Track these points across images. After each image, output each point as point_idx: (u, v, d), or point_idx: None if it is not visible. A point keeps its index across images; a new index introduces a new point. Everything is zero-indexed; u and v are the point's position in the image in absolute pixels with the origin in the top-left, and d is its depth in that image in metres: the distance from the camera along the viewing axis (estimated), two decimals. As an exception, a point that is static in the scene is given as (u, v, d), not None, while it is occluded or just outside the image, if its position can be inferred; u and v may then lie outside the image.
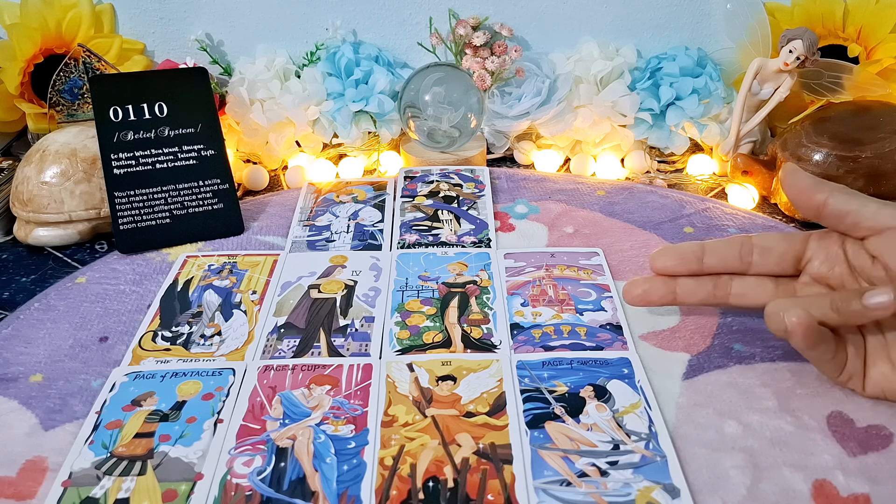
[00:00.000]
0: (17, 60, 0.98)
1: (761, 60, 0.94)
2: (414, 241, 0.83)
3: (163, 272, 0.80)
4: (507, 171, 1.00)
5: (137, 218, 0.83)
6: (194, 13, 1.06)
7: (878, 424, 0.58)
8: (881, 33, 0.97)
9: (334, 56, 1.04)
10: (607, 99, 1.01)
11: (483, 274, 0.77)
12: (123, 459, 0.55)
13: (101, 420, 0.59)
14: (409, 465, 0.54)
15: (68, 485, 0.53)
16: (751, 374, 0.64)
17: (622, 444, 0.56)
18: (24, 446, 0.58)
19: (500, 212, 0.90)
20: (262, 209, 0.92)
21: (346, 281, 0.77)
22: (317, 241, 0.84)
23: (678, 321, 0.71)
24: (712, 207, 0.90)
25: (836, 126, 0.88)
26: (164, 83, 0.85)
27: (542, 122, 1.02)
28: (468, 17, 1.04)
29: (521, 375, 0.63)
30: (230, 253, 0.83)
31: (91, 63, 0.97)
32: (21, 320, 0.73)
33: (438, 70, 0.99)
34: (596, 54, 1.05)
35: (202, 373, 0.64)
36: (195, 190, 0.85)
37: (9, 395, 0.63)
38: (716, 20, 1.06)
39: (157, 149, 0.84)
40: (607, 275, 0.77)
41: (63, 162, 0.85)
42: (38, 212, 0.84)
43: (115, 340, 0.70)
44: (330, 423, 0.58)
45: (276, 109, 1.01)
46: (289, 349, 0.67)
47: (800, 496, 0.52)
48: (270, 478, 0.53)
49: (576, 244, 0.83)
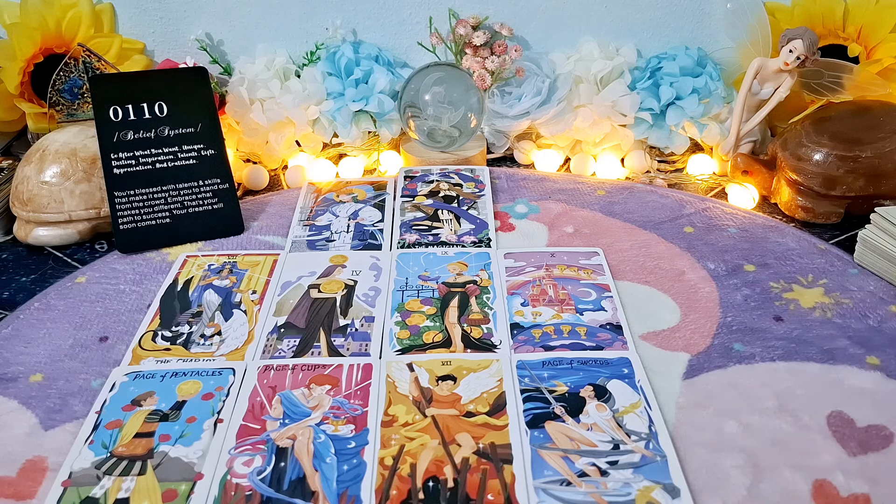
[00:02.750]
0: (17, 60, 0.98)
1: (761, 60, 0.94)
2: (414, 240, 0.83)
3: (163, 272, 0.80)
4: (507, 170, 1.00)
5: (137, 218, 0.83)
6: (194, 13, 1.06)
7: (878, 424, 0.58)
8: (881, 33, 0.97)
9: (334, 56, 1.04)
10: (607, 99, 1.01)
11: (483, 274, 0.77)
12: (123, 459, 0.55)
13: (101, 420, 0.59)
14: (409, 464, 0.54)
15: (68, 485, 0.53)
16: (751, 374, 0.64)
17: (622, 444, 0.56)
18: (24, 446, 0.58)
19: (500, 211, 0.90)
20: (262, 209, 0.92)
21: (346, 281, 0.77)
22: (317, 241, 0.84)
23: (678, 321, 0.71)
24: (712, 207, 0.90)
25: (836, 126, 0.88)
26: (164, 83, 0.85)
27: (542, 122, 1.02)
28: (468, 16, 1.04)
29: (521, 375, 0.63)
30: (230, 253, 0.83)
31: (91, 63, 0.96)
32: (21, 320, 0.73)
33: (438, 70, 0.99)
34: (596, 54, 1.05)
35: (202, 372, 0.64)
36: (195, 190, 0.85)
37: (9, 395, 0.63)
38: (716, 20, 1.06)
39: (157, 148, 0.84)
40: (607, 274, 0.77)
41: (63, 161, 0.85)
42: (38, 211, 0.84)
43: (115, 340, 0.70)
44: (330, 422, 0.58)
45: (276, 109, 1.01)
46: (289, 349, 0.67)
47: (800, 496, 0.52)
48: (270, 478, 0.53)
49: (576, 244, 0.83)
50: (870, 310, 0.72)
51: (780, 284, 0.76)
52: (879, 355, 0.65)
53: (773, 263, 0.79)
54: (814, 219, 0.87)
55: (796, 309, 0.72)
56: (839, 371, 0.64)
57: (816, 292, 0.74)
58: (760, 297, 0.74)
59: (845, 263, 0.79)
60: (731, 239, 0.84)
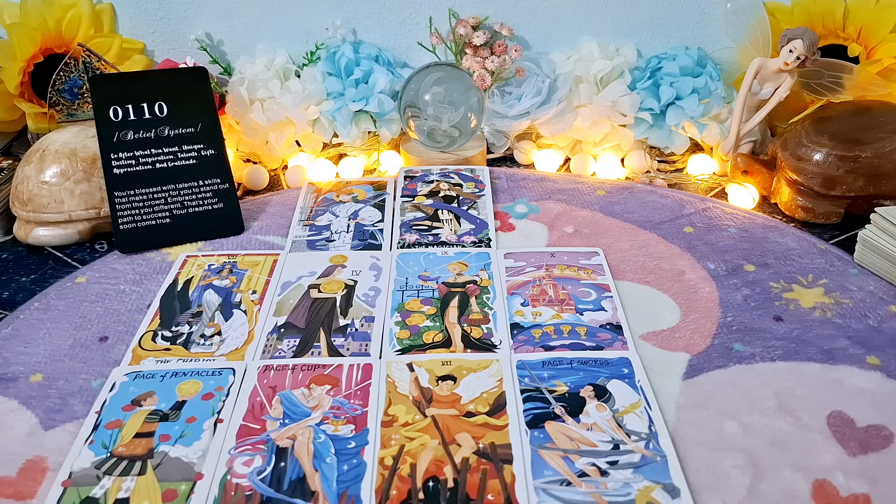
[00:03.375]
0: (17, 60, 0.98)
1: (761, 60, 0.94)
2: (414, 240, 0.83)
3: (163, 272, 0.80)
4: (507, 170, 1.00)
5: (137, 218, 0.83)
6: (194, 13, 1.06)
7: (879, 424, 0.58)
8: (881, 33, 0.97)
9: (334, 56, 1.04)
10: (607, 99, 1.01)
11: (483, 274, 0.77)
12: (123, 459, 0.55)
13: (101, 420, 0.59)
14: (409, 464, 0.54)
15: (68, 484, 0.53)
16: (751, 374, 0.64)
17: (622, 444, 0.56)
18: (24, 446, 0.58)
19: (500, 211, 0.90)
20: (262, 209, 0.92)
21: (346, 281, 0.77)
22: (317, 241, 0.84)
23: (678, 321, 0.71)
24: (712, 207, 0.90)
25: (836, 126, 0.88)
26: (164, 83, 0.85)
27: (542, 122, 1.02)
28: (468, 16, 1.04)
29: (521, 375, 0.63)
30: (230, 253, 0.83)
31: (91, 63, 0.96)
32: (21, 320, 0.73)
33: (438, 70, 0.99)
34: (596, 54, 1.04)
35: (202, 372, 0.64)
36: (195, 190, 0.85)
37: (9, 395, 0.63)
38: (716, 20, 1.06)
39: (157, 148, 0.84)
40: (607, 274, 0.77)
41: (63, 161, 0.85)
42: (38, 211, 0.84)
43: (115, 340, 0.70)
44: (330, 422, 0.58)
45: (276, 109, 1.01)
46: (289, 349, 0.67)
47: (800, 496, 0.52)
48: (270, 478, 0.53)
49: (576, 244, 0.83)
50: (870, 310, 0.72)
51: (780, 284, 0.76)
52: (879, 355, 0.65)
53: (773, 263, 0.79)
54: (814, 219, 0.87)
55: (796, 309, 0.72)
56: (839, 371, 0.64)
57: (816, 292, 0.74)
58: (760, 297, 0.74)
59: (845, 263, 0.79)
60: (731, 239, 0.84)
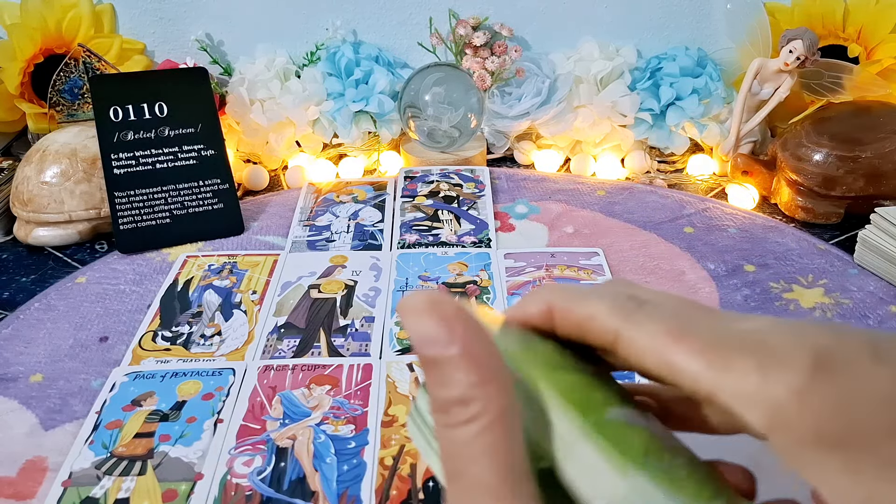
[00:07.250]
0: (17, 60, 0.98)
1: (761, 60, 0.94)
2: (414, 241, 0.83)
3: (163, 272, 0.80)
4: (507, 171, 1.00)
5: (137, 218, 0.83)
6: (194, 13, 1.06)
7: (878, 424, 0.58)
8: (881, 33, 0.97)
9: (334, 56, 1.04)
10: (607, 99, 1.01)
11: (483, 274, 0.77)
12: (123, 459, 0.55)
13: (101, 420, 0.59)
14: (410, 465, 0.54)
15: (68, 485, 0.53)
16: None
17: (622, 444, 0.56)
18: (24, 446, 0.58)
19: (500, 212, 0.90)
20: (262, 209, 0.92)
21: (347, 281, 0.77)
22: (317, 241, 0.84)
23: (678, 321, 0.71)
24: (712, 207, 0.90)
25: (836, 126, 0.88)
26: (164, 83, 0.85)
27: (542, 122, 1.02)
28: (468, 17, 1.04)
29: (521, 375, 0.62)
30: (230, 253, 0.83)
31: (91, 63, 0.96)
32: (21, 320, 0.73)
33: (438, 70, 0.99)
34: (596, 54, 1.04)
35: (202, 373, 0.64)
36: (195, 190, 0.85)
37: (9, 395, 0.63)
38: (716, 20, 1.06)
39: (157, 149, 0.84)
40: (607, 275, 0.77)
41: (63, 162, 0.85)
42: (38, 212, 0.84)
43: (115, 340, 0.70)
44: (330, 423, 0.58)
45: (276, 109, 1.01)
46: (289, 349, 0.67)
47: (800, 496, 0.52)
48: (270, 478, 0.53)
49: (576, 244, 0.83)
50: (870, 310, 0.72)
51: (780, 285, 0.76)
52: (879, 355, 0.65)
53: (773, 264, 0.79)
54: (814, 219, 0.87)
55: (796, 309, 0.72)
56: (839, 371, 0.64)
57: (816, 292, 0.74)
58: (760, 298, 0.74)
59: (845, 264, 0.79)
60: (731, 239, 0.84)
